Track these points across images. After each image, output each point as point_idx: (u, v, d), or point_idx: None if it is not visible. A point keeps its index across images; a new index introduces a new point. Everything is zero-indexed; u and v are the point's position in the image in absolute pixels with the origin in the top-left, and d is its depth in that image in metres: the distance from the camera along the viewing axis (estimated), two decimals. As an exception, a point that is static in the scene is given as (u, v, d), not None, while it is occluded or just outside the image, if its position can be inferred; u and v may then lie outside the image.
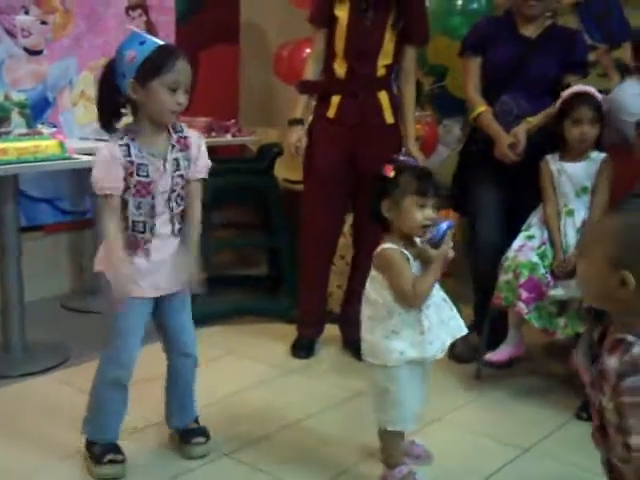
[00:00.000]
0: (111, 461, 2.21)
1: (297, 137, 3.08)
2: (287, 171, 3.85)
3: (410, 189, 2.03)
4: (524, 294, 2.71)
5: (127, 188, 2.09)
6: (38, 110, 3.68)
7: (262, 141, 4.08)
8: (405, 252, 2.05)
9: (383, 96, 3.05)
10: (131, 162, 2.08)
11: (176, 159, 2.14)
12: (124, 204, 2.11)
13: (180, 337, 2.30)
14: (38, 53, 3.75)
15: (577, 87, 2.84)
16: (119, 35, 3.95)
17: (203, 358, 2.96)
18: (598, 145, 2.83)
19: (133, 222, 2.12)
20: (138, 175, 2.09)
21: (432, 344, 2.07)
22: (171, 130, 2.15)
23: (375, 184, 2.10)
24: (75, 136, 3.72)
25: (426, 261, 2.06)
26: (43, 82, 3.77)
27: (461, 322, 2.17)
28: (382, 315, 2.07)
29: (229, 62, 4.70)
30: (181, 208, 2.18)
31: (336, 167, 3.05)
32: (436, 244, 2.03)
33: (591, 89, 2.82)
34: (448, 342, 2.13)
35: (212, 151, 4.23)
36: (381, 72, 3.03)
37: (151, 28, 4.16)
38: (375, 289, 2.08)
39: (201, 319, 3.41)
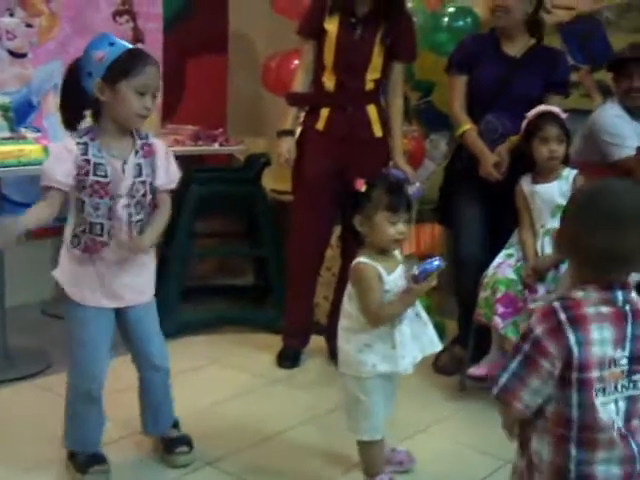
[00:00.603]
0: (96, 471, 2.19)
1: (287, 148, 3.10)
2: (275, 181, 3.86)
3: (382, 205, 2.05)
4: (500, 309, 2.75)
5: (83, 188, 2.05)
6: (22, 114, 3.64)
7: (250, 151, 4.08)
8: (379, 268, 2.06)
9: (372, 110, 3.08)
10: (87, 161, 2.04)
11: (139, 164, 2.12)
12: (80, 205, 2.07)
13: (146, 349, 2.24)
14: (22, 56, 3.72)
15: (541, 107, 2.87)
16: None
17: (187, 367, 3.01)
18: (567, 163, 2.86)
19: (91, 224, 2.08)
20: (95, 175, 2.05)
21: (404, 358, 2.09)
22: (135, 135, 2.14)
23: (348, 198, 2.13)
24: (59, 140, 3.69)
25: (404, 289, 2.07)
26: (27, 85, 3.74)
27: (435, 338, 2.19)
28: (356, 328, 2.10)
29: (217, 71, 4.70)
30: (140, 217, 2.13)
31: (325, 179, 3.07)
32: (420, 279, 2.04)
33: (555, 108, 2.85)
34: (419, 357, 2.15)
35: (199, 160, 4.30)
36: (370, 86, 3.06)
37: (138, 35, 4.15)
38: (351, 302, 2.11)
39: (186, 328, 3.45)
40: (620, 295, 1.38)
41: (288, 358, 3.20)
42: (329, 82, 3.06)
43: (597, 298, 1.38)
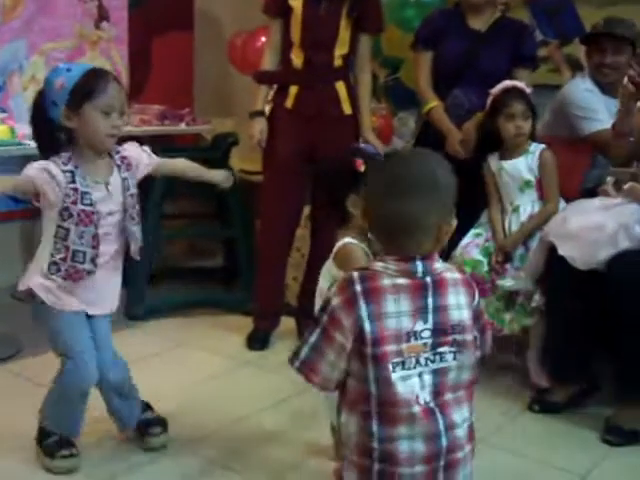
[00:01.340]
0: (65, 455, 2.18)
1: (259, 129, 3.07)
2: (243, 161, 3.83)
3: None
4: None
5: (70, 216, 2.05)
6: (-14, 95, 3.60)
7: (217, 130, 4.04)
8: (366, 249, 2.04)
9: (340, 87, 3.06)
10: (75, 189, 2.04)
11: (125, 179, 2.13)
12: (64, 233, 2.07)
13: (100, 356, 2.20)
14: (-15, 36, 3.66)
15: (506, 82, 2.85)
16: (71, 18, 3.89)
17: (155, 350, 3.00)
18: (533, 138, 2.85)
19: (73, 252, 2.08)
20: (82, 204, 2.05)
21: None
22: (112, 152, 2.14)
23: (341, 177, 2.06)
24: (25, 121, 3.60)
25: None
26: (-8, 66, 3.68)
27: None
28: None
29: (183, 50, 4.64)
30: (134, 228, 2.15)
31: (294, 158, 3.05)
32: None
33: (520, 84, 2.84)
34: None
35: (166, 140, 4.25)
36: (338, 62, 3.03)
37: (103, 13, 4.09)
38: (329, 282, 2.07)
39: (155, 311, 3.44)
40: (420, 266, 1.34)
41: (258, 340, 3.19)
42: (297, 59, 3.03)
43: (395, 269, 1.33)
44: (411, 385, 1.32)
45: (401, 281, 1.34)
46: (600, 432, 2.49)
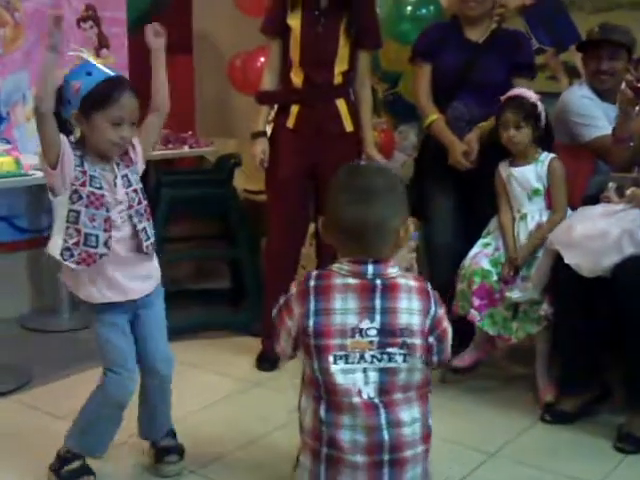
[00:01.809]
0: None
1: (261, 149, 3.08)
2: (247, 182, 3.85)
3: None
4: (476, 301, 2.75)
5: (79, 198, 2.06)
6: (-10, 126, 3.63)
7: (220, 152, 4.06)
8: None
9: (342, 104, 3.06)
10: (84, 172, 2.06)
11: (125, 175, 2.14)
12: (75, 216, 2.06)
13: (152, 349, 2.25)
14: (-12, 68, 3.70)
15: (511, 91, 2.86)
16: (70, 47, 3.92)
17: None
18: (546, 146, 2.85)
19: (86, 235, 2.07)
20: (91, 186, 2.06)
21: None
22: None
23: None
24: (29, 151, 3.65)
25: None
26: (-5, 97, 3.72)
27: None
28: None
29: (183, 73, 4.67)
30: (144, 225, 2.16)
31: (297, 176, 3.06)
32: None
33: (522, 91, 2.83)
34: None
35: (170, 163, 4.27)
36: (338, 80, 3.04)
37: (103, 40, 4.13)
38: None
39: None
40: (371, 269, 1.43)
41: (268, 360, 3.18)
42: (297, 78, 3.04)
43: (348, 270, 1.42)
44: (353, 378, 1.40)
45: (351, 281, 1.46)
46: (613, 440, 2.47)
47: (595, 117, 2.95)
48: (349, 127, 3.08)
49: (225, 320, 3.70)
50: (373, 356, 1.40)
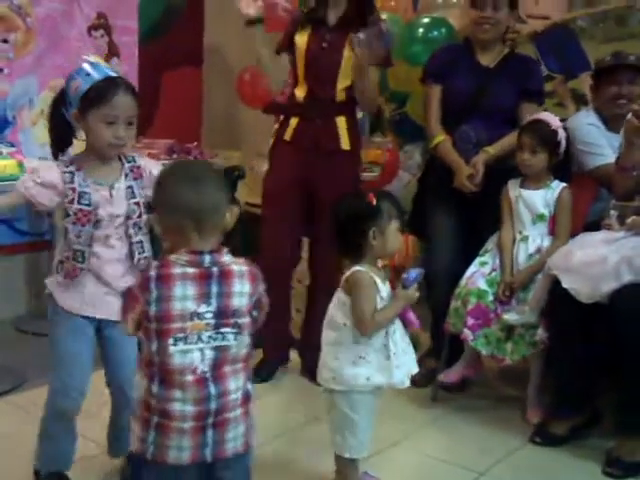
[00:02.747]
0: None
1: None
2: (250, 194, 3.86)
3: (393, 214, 2.09)
4: (470, 321, 2.75)
5: (67, 215, 2.08)
6: (-3, 128, 3.65)
7: (224, 164, 4.07)
8: (374, 277, 2.08)
9: (341, 121, 3.04)
10: (73, 189, 2.07)
11: (130, 187, 2.14)
12: (65, 232, 2.09)
13: (119, 372, 2.22)
14: (-2, 71, 3.72)
15: (535, 114, 2.88)
16: (81, 55, 3.94)
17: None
18: (560, 173, 2.86)
19: (74, 251, 2.10)
20: (79, 203, 2.08)
21: (399, 369, 2.09)
22: (123, 159, 2.16)
23: (361, 214, 2.10)
24: (34, 155, 3.67)
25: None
26: (3, 100, 3.73)
27: (414, 359, 2.19)
28: (348, 340, 2.08)
29: (192, 85, 4.71)
30: (139, 238, 2.16)
31: (291, 189, 3.05)
32: (409, 284, 2.09)
33: (545, 116, 2.85)
34: (414, 370, 2.16)
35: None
36: (341, 96, 3.03)
37: (113, 49, 4.15)
38: (344, 313, 2.09)
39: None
40: (207, 258, 1.57)
41: (264, 371, 3.17)
42: (300, 92, 3.05)
43: (186, 260, 1.55)
44: (191, 357, 1.55)
45: (190, 270, 1.56)
46: (602, 464, 2.46)
47: (600, 145, 2.94)
48: (345, 145, 3.05)
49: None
50: (209, 336, 1.56)
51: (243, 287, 1.62)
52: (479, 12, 2.99)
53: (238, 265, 1.64)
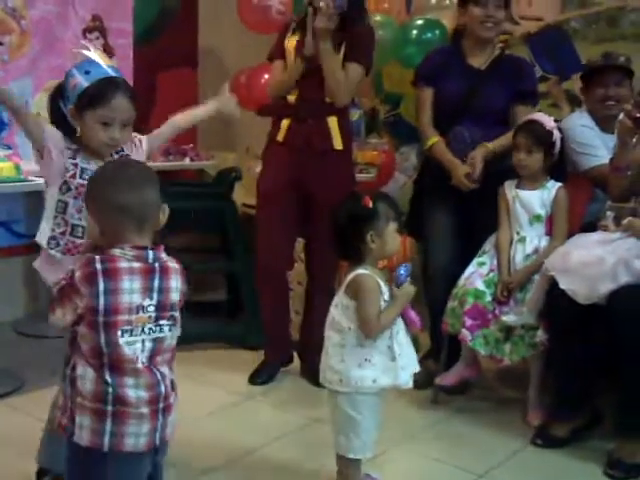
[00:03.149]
0: None
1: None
2: (246, 196, 3.87)
3: (391, 216, 2.10)
4: (468, 321, 2.76)
5: (68, 189, 2.08)
6: (-7, 131, 3.65)
7: (220, 166, 4.08)
8: (378, 280, 2.09)
9: (332, 121, 3.05)
10: (75, 164, 2.08)
11: None
12: (63, 207, 2.10)
13: None
14: (-8, 73, 3.71)
15: (531, 115, 2.90)
16: (76, 57, 3.95)
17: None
18: (555, 173, 2.87)
19: (72, 226, 2.10)
20: (81, 178, 2.08)
21: (404, 370, 2.10)
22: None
23: (357, 218, 2.10)
24: (30, 158, 3.66)
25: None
26: (-2, 103, 3.72)
27: (415, 358, 2.20)
28: (353, 343, 2.09)
29: (187, 86, 4.71)
30: None
31: (284, 190, 3.06)
32: (398, 285, 2.10)
33: (540, 117, 2.86)
34: (417, 369, 2.17)
35: (170, 175, 4.28)
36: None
37: (108, 51, 4.15)
38: (348, 317, 2.09)
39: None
40: (151, 254, 1.63)
41: (264, 373, 3.19)
42: (291, 95, 3.06)
43: (132, 255, 1.62)
44: (134, 348, 1.62)
45: (136, 265, 1.62)
46: (603, 466, 2.48)
47: (594, 146, 2.96)
48: (337, 145, 3.06)
49: (220, 332, 3.70)
50: (150, 328, 1.64)
51: (178, 283, 1.70)
52: (483, 10, 2.99)
53: (172, 262, 1.71)
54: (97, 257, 1.61)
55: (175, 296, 1.69)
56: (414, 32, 3.79)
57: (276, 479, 2.40)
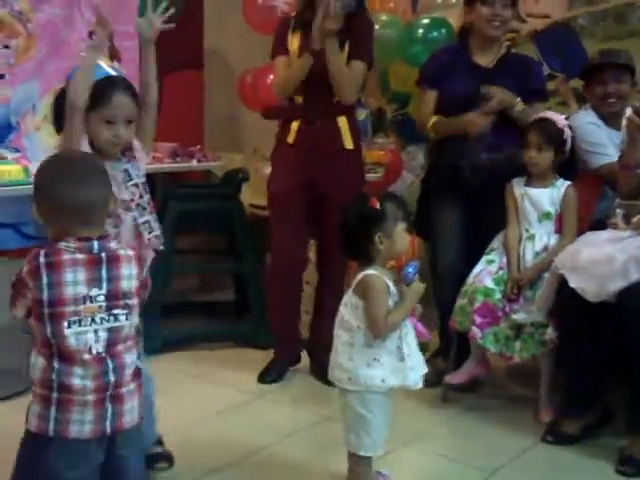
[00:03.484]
0: None
1: None
2: (253, 196, 3.87)
3: (399, 217, 2.09)
4: (478, 319, 2.76)
5: None
6: (1, 134, 3.64)
7: (227, 166, 4.09)
8: (387, 280, 2.08)
9: (342, 121, 3.05)
10: None
11: (126, 170, 2.18)
12: None
13: None
14: (0, 77, 3.72)
15: (541, 113, 2.89)
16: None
17: (169, 383, 2.98)
18: (565, 171, 2.87)
19: None
20: None
21: (413, 370, 2.09)
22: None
23: (365, 220, 2.09)
24: (39, 160, 3.67)
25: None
26: (6, 106, 3.73)
27: (423, 360, 2.20)
28: (361, 342, 2.08)
29: (194, 88, 4.72)
30: (145, 218, 2.20)
31: (296, 192, 3.06)
32: (407, 284, 2.09)
33: (551, 115, 2.87)
34: (424, 371, 2.16)
35: (177, 177, 4.29)
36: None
37: (114, 53, 4.15)
38: (357, 316, 2.09)
39: (167, 344, 3.44)
40: (96, 245, 1.65)
41: (274, 372, 3.20)
42: (298, 97, 3.06)
43: (75, 247, 1.63)
44: (85, 338, 1.63)
45: (80, 256, 1.64)
46: (614, 463, 2.47)
47: (602, 144, 2.95)
48: (348, 144, 3.07)
49: (228, 332, 3.71)
50: (102, 318, 1.65)
51: (131, 270, 1.70)
52: (490, 9, 2.98)
53: (125, 250, 1.72)
54: (42, 251, 1.62)
55: (128, 284, 1.69)
56: (420, 31, 3.78)
57: (287, 477, 2.40)
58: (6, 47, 3.70)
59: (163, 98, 4.46)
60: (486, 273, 2.83)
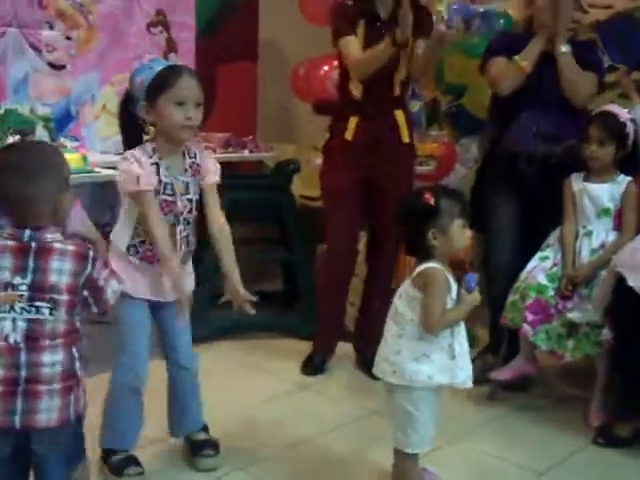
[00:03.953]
0: (131, 473, 2.22)
1: None
2: (304, 188, 3.87)
3: (455, 213, 2.03)
4: (530, 316, 2.70)
5: None
6: (61, 123, 3.71)
7: (279, 157, 4.10)
8: (448, 275, 2.05)
9: (400, 115, 3.05)
10: (159, 181, 2.14)
11: (186, 182, 2.20)
12: (146, 219, 2.14)
13: (175, 347, 2.31)
14: (62, 68, 3.79)
15: (604, 106, 2.83)
16: (141, 50, 4.02)
17: (218, 370, 3.03)
18: (626, 166, 2.80)
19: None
20: (164, 193, 2.14)
21: (462, 370, 2.06)
22: (186, 154, 2.21)
23: (419, 215, 2.04)
24: (96, 149, 3.76)
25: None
26: (67, 96, 3.81)
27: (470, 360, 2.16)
28: (413, 335, 2.04)
29: (248, 79, 4.74)
30: (187, 232, 2.23)
31: (354, 188, 3.05)
32: (469, 291, 2.05)
33: (614, 108, 2.80)
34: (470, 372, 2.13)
35: (229, 167, 4.32)
36: (397, 90, 3.02)
37: (171, 44, 4.20)
38: (412, 308, 2.04)
39: (218, 332, 3.47)
40: (27, 233, 1.64)
41: (316, 364, 3.19)
42: (356, 90, 3.02)
43: (8, 234, 1.65)
44: (1, 325, 1.62)
45: (9, 243, 1.65)
46: (668, 467, 2.41)
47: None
48: (405, 138, 3.06)
49: (276, 322, 3.70)
50: (22, 308, 1.63)
51: (63, 265, 1.66)
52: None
53: (63, 244, 1.67)
54: None
55: (57, 278, 1.65)
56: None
57: (332, 470, 2.40)
58: (68, 38, 3.78)
59: (218, 89, 4.54)
60: (540, 269, 2.78)
